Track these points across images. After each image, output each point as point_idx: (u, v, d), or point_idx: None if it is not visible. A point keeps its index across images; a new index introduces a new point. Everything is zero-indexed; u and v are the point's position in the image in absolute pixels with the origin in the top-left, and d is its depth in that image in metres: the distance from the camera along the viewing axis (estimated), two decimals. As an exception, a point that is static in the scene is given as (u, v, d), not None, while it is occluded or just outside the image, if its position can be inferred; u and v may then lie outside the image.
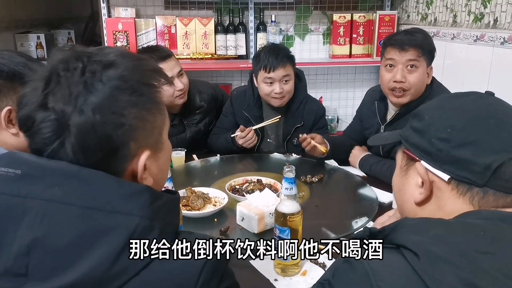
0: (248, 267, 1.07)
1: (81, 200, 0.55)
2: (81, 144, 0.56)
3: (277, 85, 1.85)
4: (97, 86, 0.57)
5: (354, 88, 3.07)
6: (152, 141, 0.64)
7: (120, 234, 0.54)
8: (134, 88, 0.60)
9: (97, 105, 0.57)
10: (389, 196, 1.49)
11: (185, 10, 2.83)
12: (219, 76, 2.99)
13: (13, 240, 0.53)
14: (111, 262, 0.53)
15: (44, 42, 3.39)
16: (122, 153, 0.60)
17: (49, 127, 0.57)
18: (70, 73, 0.58)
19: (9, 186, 0.56)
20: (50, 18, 4.17)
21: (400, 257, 0.58)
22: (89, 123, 0.56)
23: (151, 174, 0.64)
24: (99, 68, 0.59)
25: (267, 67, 1.83)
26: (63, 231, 0.53)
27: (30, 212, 0.54)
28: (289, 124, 1.96)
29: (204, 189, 1.45)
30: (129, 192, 0.57)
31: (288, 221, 1.02)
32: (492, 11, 1.94)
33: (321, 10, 2.92)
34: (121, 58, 0.62)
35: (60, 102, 0.56)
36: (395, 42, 1.60)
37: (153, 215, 0.57)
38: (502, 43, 1.87)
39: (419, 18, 2.61)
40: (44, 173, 0.56)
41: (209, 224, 1.29)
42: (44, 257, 0.53)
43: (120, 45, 2.66)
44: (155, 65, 0.69)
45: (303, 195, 1.50)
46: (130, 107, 0.59)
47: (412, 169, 0.71)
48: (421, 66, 1.58)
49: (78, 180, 0.56)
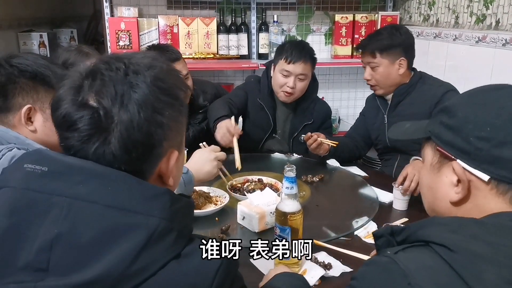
0: (248, 265, 1.08)
1: (104, 199, 0.56)
2: (125, 140, 0.58)
3: (292, 79, 1.85)
4: (142, 85, 0.60)
5: (355, 88, 3.07)
6: (179, 141, 0.68)
7: (141, 233, 0.55)
8: (171, 90, 0.64)
9: (142, 103, 0.59)
10: (389, 196, 1.49)
11: (187, 9, 2.83)
12: (221, 76, 2.99)
13: (36, 235, 0.54)
14: (131, 260, 0.53)
15: (47, 41, 3.41)
16: (157, 151, 0.62)
17: (93, 124, 0.58)
18: (113, 73, 0.60)
19: (36, 182, 0.57)
20: (52, 17, 4.18)
21: (433, 253, 0.57)
22: (135, 120, 0.58)
23: (172, 175, 0.67)
24: (142, 69, 0.61)
25: (288, 58, 1.83)
26: (85, 228, 0.54)
27: (55, 208, 0.55)
28: (298, 121, 1.97)
29: (205, 188, 1.46)
30: (150, 193, 0.58)
31: (288, 220, 1.02)
32: (494, 13, 1.94)
33: (323, 10, 2.92)
34: (156, 61, 0.64)
35: (106, 99, 0.58)
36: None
37: (172, 217, 0.58)
38: (504, 45, 1.87)
39: (421, 19, 2.61)
40: (70, 171, 0.57)
41: (210, 223, 1.30)
42: (65, 253, 0.54)
43: (122, 44, 2.67)
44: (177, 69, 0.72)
45: (304, 195, 1.50)
46: (168, 108, 0.62)
47: (445, 167, 0.68)
48: (381, 63, 1.74)
49: (103, 179, 0.57)
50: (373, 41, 1.76)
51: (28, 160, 0.60)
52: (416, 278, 0.56)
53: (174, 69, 0.69)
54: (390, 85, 1.78)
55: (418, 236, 0.61)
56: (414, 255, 0.59)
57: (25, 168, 0.59)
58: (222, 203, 1.37)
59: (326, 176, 1.69)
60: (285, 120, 2.01)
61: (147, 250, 0.54)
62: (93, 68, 0.61)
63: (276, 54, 1.94)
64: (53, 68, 1.11)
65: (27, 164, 0.59)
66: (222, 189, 1.48)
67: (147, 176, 0.63)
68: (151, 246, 0.55)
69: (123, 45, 2.67)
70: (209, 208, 1.34)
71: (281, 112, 2.01)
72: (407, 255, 0.60)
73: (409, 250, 0.61)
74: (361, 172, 1.75)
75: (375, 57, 1.75)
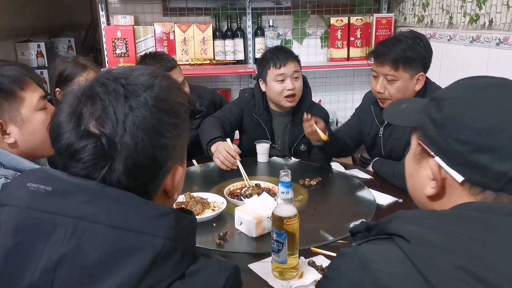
0: (247, 271, 1.08)
1: (109, 220, 0.55)
2: (131, 166, 0.57)
3: (289, 81, 1.85)
4: (142, 108, 0.58)
5: (352, 90, 3.08)
6: (182, 156, 0.67)
7: (147, 254, 0.54)
8: (173, 109, 0.62)
9: (144, 127, 0.58)
10: (387, 199, 1.50)
11: (183, 16, 2.85)
12: (218, 81, 3.01)
13: (41, 255, 0.54)
14: (137, 281, 0.53)
15: (45, 51, 3.43)
16: (162, 171, 0.62)
17: (96, 154, 0.57)
18: (112, 96, 0.58)
19: (40, 202, 0.57)
20: (50, 26, 4.20)
21: (393, 244, 0.60)
22: (139, 145, 0.57)
23: (177, 189, 0.67)
24: (141, 90, 0.59)
25: (277, 64, 1.84)
26: (91, 249, 0.54)
27: (60, 228, 0.55)
28: (297, 131, 1.96)
29: (203, 194, 1.46)
30: (156, 213, 0.58)
31: (285, 225, 1.02)
32: (487, 12, 1.95)
33: (319, 14, 2.94)
34: (154, 79, 0.62)
35: (109, 126, 0.56)
36: (374, 54, 1.63)
37: (177, 236, 0.58)
38: (497, 44, 1.88)
39: (415, 20, 2.62)
40: (75, 191, 0.57)
41: (208, 229, 1.30)
42: (70, 274, 0.53)
43: (119, 52, 2.68)
44: (178, 82, 0.70)
45: (301, 199, 1.51)
46: (171, 129, 0.61)
47: (425, 160, 0.69)
48: (401, 77, 1.57)
49: (108, 200, 0.57)
50: (396, 50, 1.55)
51: (31, 179, 0.59)
52: (372, 267, 0.58)
53: (174, 82, 0.67)
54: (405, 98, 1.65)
55: (384, 229, 0.63)
56: (375, 246, 0.62)
57: (29, 187, 0.58)
58: (220, 209, 1.37)
59: (323, 179, 1.69)
60: (283, 131, 2.01)
61: (153, 271, 0.54)
62: (90, 92, 0.59)
63: (261, 67, 1.92)
64: (4, 72, 1.06)
65: (31, 183, 0.58)
66: (220, 194, 1.48)
67: (153, 195, 0.63)
68: (157, 267, 0.55)
69: (119, 53, 2.68)
70: (207, 214, 1.34)
71: (278, 124, 2.01)
72: (368, 246, 0.63)
73: (372, 242, 0.64)
74: (366, 175, 1.74)
75: (397, 70, 1.56)
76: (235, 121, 1.96)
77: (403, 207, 1.47)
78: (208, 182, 1.68)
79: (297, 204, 1.45)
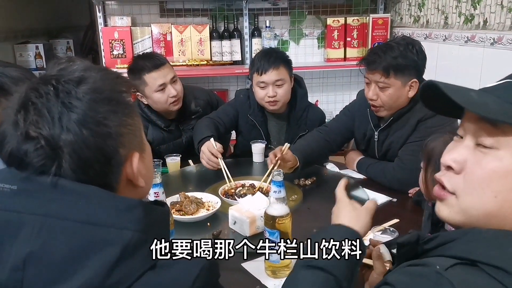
0: (240, 270, 1.08)
1: (76, 215, 0.56)
2: (77, 161, 0.58)
3: (270, 88, 1.85)
4: (76, 103, 0.58)
5: (349, 91, 3.09)
6: (137, 143, 0.66)
7: (114, 247, 0.55)
8: (110, 97, 0.62)
9: (82, 120, 0.58)
10: (381, 198, 1.50)
11: (180, 17, 2.86)
12: (215, 82, 3.02)
13: (9, 254, 0.54)
14: (105, 275, 0.53)
15: (43, 52, 3.43)
16: (115, 161, 0.61)
17: (41, 155, 0.57)
18: (44, 99, 0.58)
19: (5, 201, 0.57)
20: (49, 27, 4.21)
21: (485, 275, 0.53)
22: (80, 139, 0.57)
23: (142, 176, 0.67)
24: (72, 86, 0.60)
25: (259, 70, 1.84)
26: (58, 245, 0.54)
27: (26, 226, 0.55)
28: (293, 132, 1.97)
29: (197, 194, 1.47)
30: (123, 206, 0.58)
31: (277, 224, 1.03)
32: (481, 12, 1.96)
33: (315, 14, 2.95)
34: (88, 72, 0.63)
35: (45, 127, 0.57)
36: (365, 61, 1.61)
37: (146, 228, 0.58)
38: (492, 44, 1.89)
39: (411, 21, 2.63)
40: (40, 188, 0.57)
41: (202, 228, 1.31)
42: (39, 271, 0.53)
43: (116, 53, 2.69)
44: (116, 72, 0.71)
45: (296, 198, 1.51)
46: (111, 116, 0.61)
47: None
48: (393, 84, 1.55)
49: (73, 195, 0.57)
50: (387, 58, 1.53)
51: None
52: None
53: (110, 73, 0.67)
54: (396, 108, 1.61)
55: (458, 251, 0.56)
56: (466, 276, 0.54)
57: None
58: (214, 209, 1.38)
59: (318, 179, 1.69)
60: (279, 132, 2.01)
61: (122, 263, 0.55)
62: (24, 99, 0.59)
63: (250, 69, 1.94)
64: (7, 72, 1.07)
65: None
66: (215, 194, 1.49)
67: (116, 186, 0.63)
68: (126, 259, 0.55)
69: (117, 54, 2.69)
70: (201, 214, 1.35)
71: (273, 126, 2.02)
72: (458, 272, 0.55)
73: (459, 268, 0.55)
74: (360, 175, 1.75)
75: (388, 77, 1.54)
76: (229, 122, 1.97)
77: (397, 206, 1.48)
78: (203, 182, 1.68)
79: (292, 203, 1.46)
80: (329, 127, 1.87)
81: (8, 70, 1.08)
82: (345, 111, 1.91)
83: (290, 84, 1.91)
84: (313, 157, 1.76)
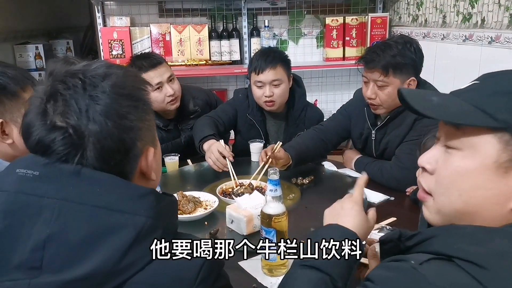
0: (237, 268, 1.09)
1: (93, 200, 0.59)
2: (100, 150, 0.61)
3: (267, 88, 1.86)
4: (102, 96, 0.62)
5: (348, 90, 3.09)
6: (151, 138, 0.70)
7: (129, 231, 0.58)
8: (131, 93, 0.66)
9: (107, 112, 0.61)
10: (378, 197, 1.51)
11: (179, 17, 2.87)
12: (214, 82, 3.02)
13: (30, 235, 0.57)
14: (120, 257, 0.57)
15: (43, 53, 3.45)
16: (133, 153, 0.65)
17: (67, 144, 0.60)
18: (72, 90, 0.62)
19: (27, 186, 0.60)
20: (48, 28, 4.22)
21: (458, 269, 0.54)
22: (104, 130, 0.61)
23: (153, 169, 0.71)
24: (98, 80, 0.63)
25: (256, 69, 1.85)
26: (76, 228, 0.57)
27: (46, 210, 0.58)
28: (291, 132, 1.97)
29: (195, 193, 1.48)
30: (136, 193, 0.62)
31: (273, 222, 1.04)
32: (479, 11, 1.96)
33: (314, 14, 2.95)
34: (111, 69, 0.67)
35: (73, 117, 0.60)
36: (363, 60, 1.61)
37: (158, 215, 0.61)
38: (489, 42, 1.89)
39: (410, 20, 2.63)
40: (60, 174, 0.60)
41: (200, 227, 1.32)
42: (58, 251, 0.57)
43: (115, 53, 2.70)
44: (135, 70, 0.75)
45: (293, 197, 1.52)
46: (133, 111, 0.65)
47: None
48: (392, 83, 1.56)
49: (92, 182, 0.60)
50: (386, 56, 1.54)
51: (20, 165, 0.63)
52: None
53: (130, 71, 0.71)
54: (394, 106, 1.61)
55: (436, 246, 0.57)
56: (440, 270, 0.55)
57: (17, 173, 0.62)
58: (212, 208, 1.38)
59: (316, 178, 1.70)
60: (277, 131, 2.02)
61: (136, 247, 0.58)
62: (51, 90, 0.63)
63: (248, 68, 1.95)
64: (8, 73, 1.08)
65: (19, 169, 0.62)
66: (213, 194, 1.50)
67: (130, 177, 0.66)
68: (139, 243, 0.58)
69: (116, 54, 2.70)
70: (199, 213, 1.35)
71: (271, 125, 2.02)
72: (433, 267, 0.56)
73: (434, 263, 0.57)
74: (358, 173, 1.75)
75: (387, 76, 1.55)
76: (228, 121, 1.97)
77: (395, 205, 1.48)
78: (201, 182, 1.69)
79: (289, 202, 1.47)
80: (325, 126, 1.86)
81: (7, 70, 1.10)
82: (342, 110, 1.90)
83: (288, 84, 1.91)
84: (307, 156, 1.76)
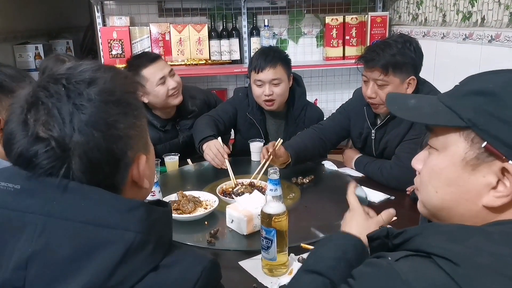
0: (237, 268, 1.09)
1: (78, 215, 0.56)
2: (86, 163, 0.57)
3: (267, 87, 1.85)
4: (87, 104, 0.57)
5: (348, 89, 3.09)
6: (143, 144, 0.66)
7: (117, 248, 0.55)
8: (120, 99, 0.61)
9: (93, 122, 0.57)
10: (379, 196, 1.50)
11: (179, 17, 2.87)
12: (214, 81, 3.02)
13: (12, 252, 0.54)
14: (108, 275, 0.53)
15: (43, 53, 3.44)
16: (123, 163, 0.61)
17: (51, 157, 0.56)
18: (55, 99, 0.57)
19: (9, 200, 0.57)
20: (48, 28, 4.22)
21: (434, 265, 0.54)
22: (91, 141, 0.57)
23: (146, 177, 0.66)
24: (83, 87, 0.59)
25: (256, 68, 1.85)
26: (61, 245, 0.54)
27: (29, 226, 0.55)
28: (291, 131, 1.96)
29: (195, 192, 1.48)
30: (125, 207, 0.58)
31: (273, 222, 1.03)
32: (479, 10, 1.96)
33: (314, 13, 2.95)
34: (98, 72, 0.62)
35: (56, 128, 0.56)
36: (363, 59, 1.61)
37: (149, 229, 0.58)
38: (489, 41, 1.88)
39: (410, 19, 2.63)
40: (43, 188, 0.57)
41: (200, 227, 1.31)
42: (42, 270, 0.53)
43: (115, 53, 2.69)
44: (125, 71, 0.70)
45: (293, 196, 1.52)
46: (122, 118, 0.60)
47: (485, 165, 0.60)
48: (392, 82, 1.55)
49: (76, 196, 0.57)
50: (386, 55, 1.54)
51: (0, 178, 0.59)
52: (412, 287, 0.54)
53: (120, 73, 0.66)
54: None
55: (417, 244, 0.58)
56: (415, 266, 0.56)
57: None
58: (212, 207, 1.38)
59: (316, 177, 1.70)
60: (277, 130, 2.01)
61: (124, 264, 0.55)
62: (33, 98, 0.58)
63: (248, 67, 1.96)
64: (5, 70, 1.07)
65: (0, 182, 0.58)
66: (213, 193, 1.49)
67: (121, 187, 0.63)
68: (128, 260, 0.55)
69: (115, 54, 2.70)
70: (199, 213, 1.35)
71: (271, 124, 2.02)
72: (407, 263, 0.57)
73: (411, 259, 0.58)
74: (358, 173, 1.75)
75: (387, 75, 1.54)
76: (228, 120, 1.97)
77: (395, 204, 1.48)
78: (201, 181, 1.69)
79: (289, 202, 1.46)
80: (324, 126, 1.86)
81: (5, 69, 1.10)
82: (341, 110, 1.90)
83: (287, 83, 1.91)
84: (306, 155, 1.76)
